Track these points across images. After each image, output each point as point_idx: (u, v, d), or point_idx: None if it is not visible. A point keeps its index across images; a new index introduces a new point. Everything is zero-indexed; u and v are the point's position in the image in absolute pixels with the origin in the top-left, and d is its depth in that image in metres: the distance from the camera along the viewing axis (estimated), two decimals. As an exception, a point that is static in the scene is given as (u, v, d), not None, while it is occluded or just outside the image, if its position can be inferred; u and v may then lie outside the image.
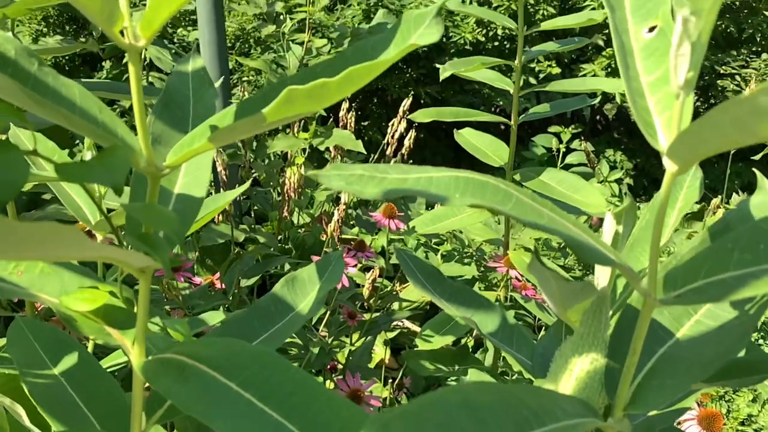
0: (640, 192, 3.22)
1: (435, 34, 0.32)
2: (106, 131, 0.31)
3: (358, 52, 0.33)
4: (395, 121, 2.06)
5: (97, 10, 0.28)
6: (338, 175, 0.28)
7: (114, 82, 0.83)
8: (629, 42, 0.31)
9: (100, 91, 0.73)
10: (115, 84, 0.77)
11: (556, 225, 0.28)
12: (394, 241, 1.65)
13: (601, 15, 0.82)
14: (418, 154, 3.16)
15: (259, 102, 0.33)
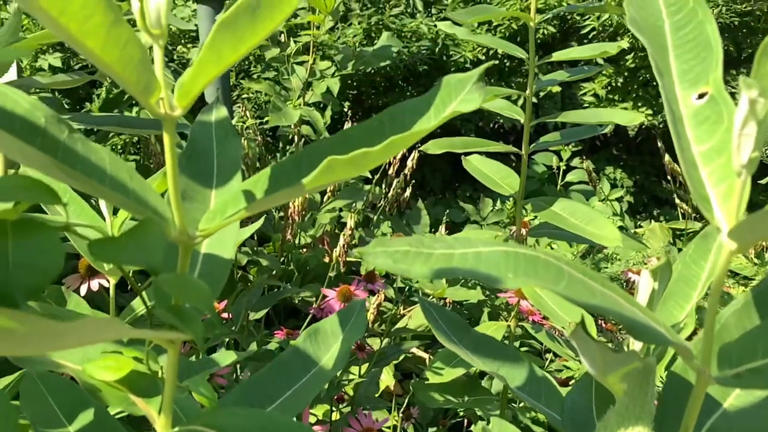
0: (639, 209, 3.22)
1: (477, 100, 0.31)
2: (137, 201, 0.30)
3: (396, 117, 0.32)
4: (397, 140, 2.04)
5: (132, 81, 0.27)
6: (384, 252, 0.27)
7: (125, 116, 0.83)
8: (678, 108, 0.30)
9: (112, 126, 0.72)
10: (126, 118, 0.76)
11: (609, 303, 0.27)
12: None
13: (614, 47, 0.81)
14: (418, 172, 3.16)
15: (295, 168, 0.32)
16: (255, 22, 0.27)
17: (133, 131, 0.77)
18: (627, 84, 2.68)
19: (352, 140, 0.32)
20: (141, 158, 2.32)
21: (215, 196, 0.40)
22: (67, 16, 0.24)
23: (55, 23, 0.24)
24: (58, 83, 0.75)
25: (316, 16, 1.48)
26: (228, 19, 0.26)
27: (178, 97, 0.29)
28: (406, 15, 2.75)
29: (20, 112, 0.29)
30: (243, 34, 0.27)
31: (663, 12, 0.32)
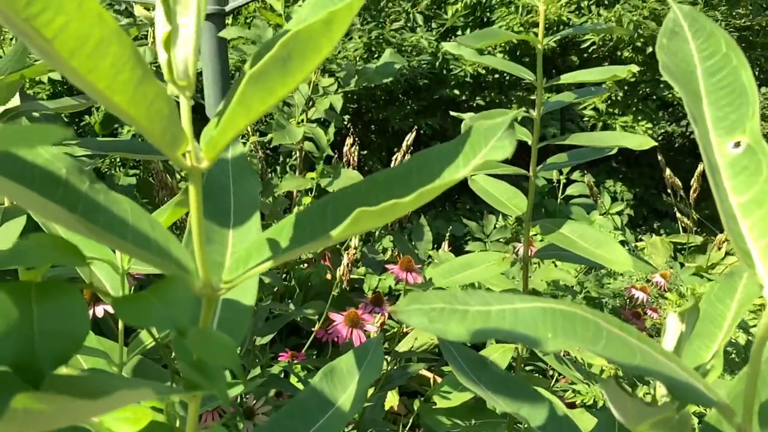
0: (639, 222, 3.22)
1: (508, 148, 0.30)
2: (160, 254, 0.29)
3: (425, 164, 0.31)
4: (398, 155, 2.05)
5: (159, 135, 0.26)
6: (418, 310, 0.26)
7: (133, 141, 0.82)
8: (714, 157, 0.29)
9: (119, 151, 0.71)
10: (133, 143, 0.75)
11: (649, 363, 0.26)
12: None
13: (624, 71, 0.81)
14: (418, 185, 3.15)
15: (320, 216, 0.31)
16: (286, 75, 0.27)
17: (141, 157, 0.76)
18: (627, 98, 2.68)
19: (380, 187, 0.31)
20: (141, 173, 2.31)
21: (233, 237, 0.39)
22: (96, 73, 0.23)
23: (83, 80, 0.23)
24: (65, 107, 0.74)
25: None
26: (258, 72, 0.26)
27: (205, 149, 0.28)
28: (407, 29, 2.76)
29: (40, 162, 0.28)
30: (273, 87, 0.27)
31: (695, 57, 0.31)
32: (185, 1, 0.26)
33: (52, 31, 0.21)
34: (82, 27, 0.21)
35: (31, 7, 0.20)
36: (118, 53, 0.23)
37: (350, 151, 1.96)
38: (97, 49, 0.22)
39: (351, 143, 1.95)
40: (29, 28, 0.21)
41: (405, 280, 0.97)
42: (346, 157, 1.97)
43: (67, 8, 0.21)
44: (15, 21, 0.20)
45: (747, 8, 2.50)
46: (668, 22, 0.32)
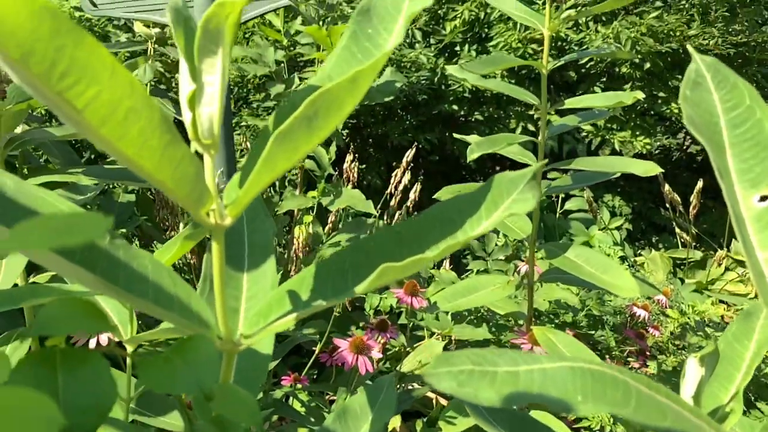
0: (638, 236, 3.22)
1: (531, 200, 0.30)
2: (181, 311, 0.28)
3: (447, 215, 0.31)
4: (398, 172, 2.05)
5: (184, 196, 0.26)
6: (448, 373, 0.25)
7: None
8: (739, 210, 0.29)
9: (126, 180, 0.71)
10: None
11: (680, 424, 0.26)
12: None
13: (630, 97, 0.81)
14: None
15: (341, 268, 0.31)
16: (311, 133, 0.26)
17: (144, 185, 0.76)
18: (625, 113, 2.69)
19: (401, 239, 0.31)
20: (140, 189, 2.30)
21: (247, 280, 0.39)
22: (125, 140, 0.23)
23: (112, 147, 0.23)
24: (72, 135, 0.74)
25: (321, 53, 1.48)
26: (284, 132, 0.25)
27: (230, 208, 0.27)
28: (405, 45, 2.77)
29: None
30: (298, 145, 0.26)
31: (718, 108, 0.31)
32: (211, 60, 0.26)
33: (83, 101, 0.21)
34: (114, 96, 0.21)
35: (64, 80, 0.20)
36: (147, 120, 0.22)
37: (350, 168, 1.96)
38: (127, 118, 0.22)
39: (351, 160, 1.94)
40: (61, 101, 0.20)
41: (410, 304, 0.97)
42: (346, 174, 1.97)
43: (100, 79, 0.21)
44: (47, 94, 0.20)
45: (743, 24, 2.51)
46: (690, 73, 0.32)
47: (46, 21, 0.19)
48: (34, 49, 0.19)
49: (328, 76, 0.29)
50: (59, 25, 0.19)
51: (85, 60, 0.20)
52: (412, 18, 0.28)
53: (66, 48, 0.19)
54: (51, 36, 0.19)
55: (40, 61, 0.19)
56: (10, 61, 0.19)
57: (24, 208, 0.27)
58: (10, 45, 0.18)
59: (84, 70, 0.20)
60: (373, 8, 0.29)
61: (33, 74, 0.19)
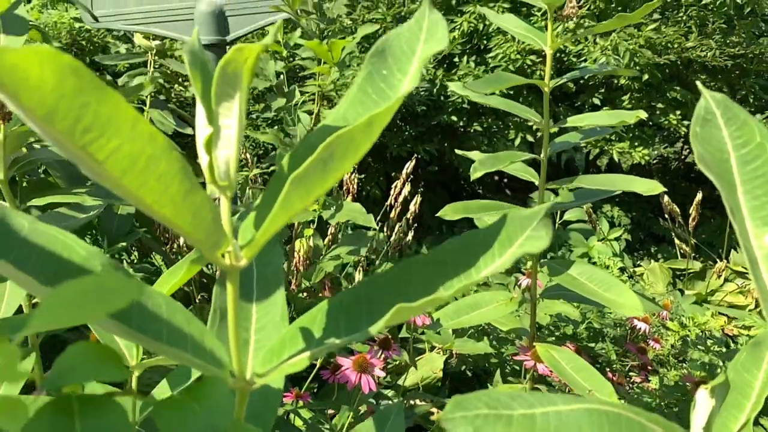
0: (636, 245, 3.23)
1: (545, 238, 0.30)
2: (195, 351, 0.28)
3: (460, 252, 0.31)
4: (398, 183, 2.05)
5: (201, 240, 0.26)
6: (463, 417, 0.25)
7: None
8: (752, 248, 0.29)
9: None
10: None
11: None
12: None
13: (633, 117, 0.81)
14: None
15: (356, 306, 0.31)
16: (326, 175, 0.27)
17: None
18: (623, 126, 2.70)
19: (414, 275, 0.31)
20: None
21: (257, 311, 0.39)
22: (145, 189, 0.23)
23: (132, 195, 0.23)
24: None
25: (323, 67, 1.48)
26: (300, 176, 0.26)
27: (246, 250, 0.28)
28: (405, 56, 2.78)
29: (76, 260, 0.28)
30: (313, 187, 0.27)
31: (728, 145, 0.31)
32: (228, 104, 0.26)
33: (105, 153, 0.21)
34: (135, 148, 0.21)
35: (87, 135, 0.20)
36: (167, 169, 0.23)
37: (350, 180, 1.96)
38: (148, 167, 0.22)
39: (350, 172, 1.95)
40: (84, 154, 0.20)
41: (413, 322, 0.97)
42: (346, 186, 1.97)
43: (122, 131, 0.21)
44: (70, 148, 0.20)
45: (741, 36, 2.53)
46: (700, 110, 0.32)
47: (71, 78, 0.19)
48: (59, 107, 0.19)
49: (343, 117, 0.29)
50: (83, 82, 0.19)
51: (108, 115, 0.20)
52: (427, 60, 0.28)
53: (90, 104, 0.19)
54: (75, 93, 0.19)
55: (64, 118, 0.19)
56: (34, 118, 0.19)
57: (39, 249, 0.27)
58: (34, 103, 0.18)
59: (107, 125, 0.20)
60: (388, 49, 0.29)
61: (57, 131, 0.19)
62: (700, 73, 2.59)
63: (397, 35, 0.29)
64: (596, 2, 2.51)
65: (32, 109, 0.19)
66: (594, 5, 2.52)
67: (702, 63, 2.49)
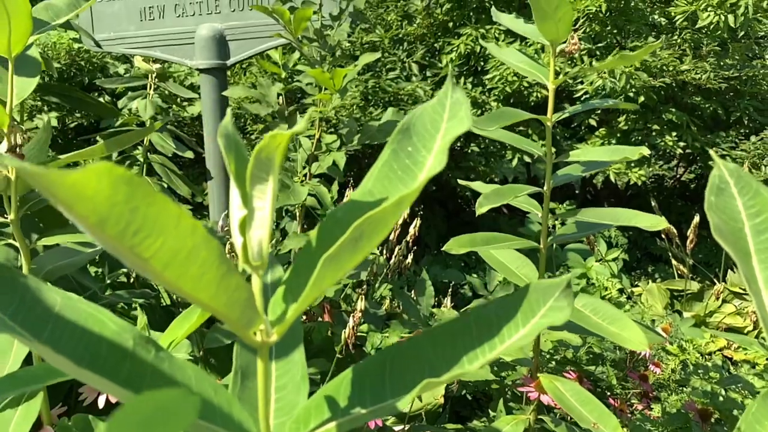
0: (633, 264, 3.24)
1: (566, 309, 0.31)
2: (224, 423, 0.29)
3: (484, 320, 0.32)
4: (397, 205, 2.05)
5: (235, 319, 0.26)
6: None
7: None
8: (760, 297, 0.30)
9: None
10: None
11: None
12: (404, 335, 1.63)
13: (636, 153, 0.83)
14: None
15: (380, 376, 0.31)
16: (355, 252, 0.27)
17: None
18: (620, 144, 2.72)
19: (439, 341, 0.32)
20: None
21: (276, 369, 0.39)
22: (185, 278, 0.23)
23: (172, 285, 0.23)
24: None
25: (324, 94, 1.49)
26: (331, 255, 0.26)
27: (277, 327, 0.28)
28: (402, 78, 2.80)
29: (108, 334, 0.29)
30: (343, 264, 0.27)
31: (742, 214, 0.32)
32: (262, 187, 0.27)
33: (151, 251, 0.21)
34: (178, 242, 0.22)
35: (136, 237, 0.21)
36: (205, 257, 0.23)
37: (350, 203, 1.96)
38: (188, 258, 0.23)
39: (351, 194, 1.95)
40: (131, 253, 0.21)
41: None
42: (346, 209, 1.97)
43: (166, 230, 0.21)
44: (119, 249, 0.21)
45: (734, 59, 2.56)
46: (714, 179, 0.33)
47: (122, 187, 0.19)
48: (111, 214, 0.19)
49: (370, 192, 0.30)
50: (134, 189, 0.20)
51: (155, 216, 0.21)
52: (452, 141, 0.29)
53: (140, 209, 0.20)
54: (126, 200, 0.20)
55: (115, 224, 0.20)
56: (88, 225, 0.19)
57: (72, 325, 0.28)
58: (88, 213, 0.19)
59: (153, 225, 0.21)
60: (412, 127, 0.30)
61: (108, 235, 0.20)
62: (695, 95, 2.62)
63: (421, 113, 0.30)
64: (592, 26, 2.54)
65: (85, 217, 0.19)
66: (590, 28, 2.55)
67: (697, 85, 2.52)
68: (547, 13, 0.79)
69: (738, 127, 2.69)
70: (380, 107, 2.80)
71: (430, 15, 2.90)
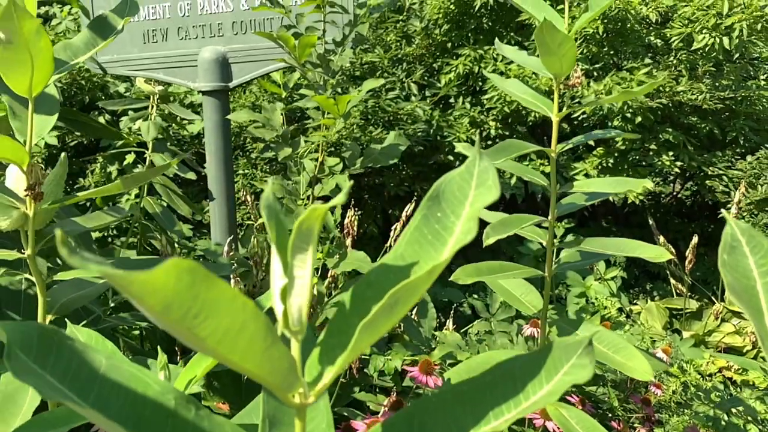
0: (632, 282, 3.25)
1: (588, 367, 0.32)
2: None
3: (508, 375, 0.33)
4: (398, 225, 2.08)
5: (277, 384, 0.28)
6: None
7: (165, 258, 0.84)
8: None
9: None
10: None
11: None
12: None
13: (639, 186, 0.84)
14: (413, 247, 3.17)
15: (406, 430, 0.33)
16: (391, 317, 0.28)
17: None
18: (617, 164, 2.75)
19: (466, 398, 0.33)
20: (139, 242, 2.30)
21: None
22: (235, 351, 0.24)
23: (222, 357, 0.25)
24: (100, 225, 0.75)
25: (328, 119, 1.51)
26: (369, 322, 0.28)
27: (314, 390, 0.29)
28: (401, 98, 2.83)
29: (151, 395, 0.30)
30: (379, 329, 0.28)
31: (754, 272, 0.34)
32: (302, 256, 0.28)
33: (207, 331, 0.23)
34: (230, 320, 0.23)
35: (195, 319, 0.22)
36: (253, 331, 0.24)
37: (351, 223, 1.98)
38: (239, 333, 0.24)
39: (352, 215, 1.97)
40: (190, 334, 0.22)
41: (425, 383, 0.98)
42: (347, 229, 1.99)
43: (222, 310, 0.23)
44: (179, 330, 0.22)
45: (729, 79, 2.60)
46: (727, 237, 0.35)
47: (186, 277, 0.21)
48: (174, 301, 0.21)
49: (401, 256, 0.31)
50: (195, 277, 0.21)
51: (213, 299, 0.22)
52: (480, 209, 0.30)
53: (200, 295, 0.21)
54: (189, 288, 0.21)
55: (178, 309, 0.21)
56: (153, 312, 0.21)
57: (117, 386, 0.29)
58: (154, 302, 0.20)
59: (211, 308, 0.22)
60: (441, 194, 0.31)
61: (170, 319, 0.21)
62: (691, 115, 2.65)
63: (449, 180, 0.32)
64: (589, 47, 2.57)
65: (152, 306, 0.20)
66: (587, 50, 2.59)
67: (693, 105, 2.55)
68: (551, 49, 0.81)
69: (734, 146, 2.72)
70: (380, 126, 2.83)
71: (429, 36, 2.94)
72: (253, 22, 2.05)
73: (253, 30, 2.02)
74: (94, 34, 0.73)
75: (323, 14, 1.54)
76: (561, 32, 0.78)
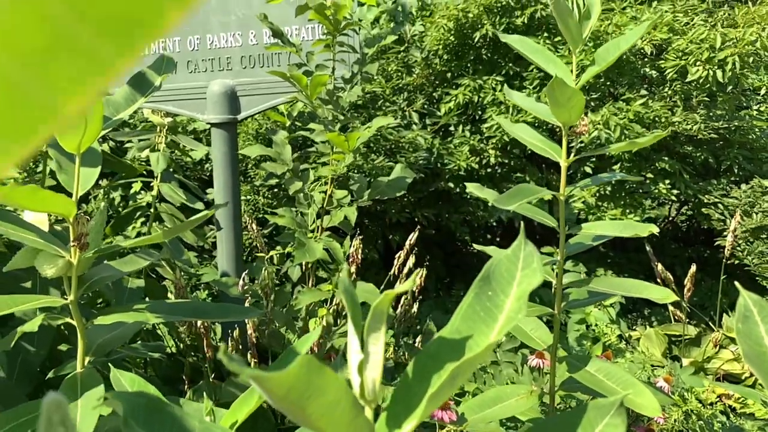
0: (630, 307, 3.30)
1: (620, 427, 0.36)
2: None
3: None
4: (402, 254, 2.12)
5: (355, 447, 0.32)
6: None
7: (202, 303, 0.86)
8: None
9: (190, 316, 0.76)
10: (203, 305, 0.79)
11: None
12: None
13: (645, 230, 0.89)
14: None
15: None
16: (452, 388, 0.33)
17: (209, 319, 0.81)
18: (615, 191, 2.81)
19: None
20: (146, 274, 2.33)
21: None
22: (330, 423, 0.29)
23: (317, 428, 0.29)
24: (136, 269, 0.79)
25: (338, 154, 1.56)
26: (435, 393, 0.32)
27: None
28: (402, 127, 2.89)
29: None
30: (444, 397, 0.33)
31: (765, 339, 0.38)
32: (376, 335, 0.32)
33: (313, 408, 0.27)
34: (331, 399, 0.27)
35: (306, 400, 0.26)
36: (344, 405, 0.29)
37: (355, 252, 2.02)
38: (334, 407, 0.28)
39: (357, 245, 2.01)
40: (300, 411, 0.26)
41: (441, 419, 1.02)
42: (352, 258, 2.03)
43: (326, 392, 0.27)
44: (291, 410, 0.26)
45: (723, 109, 2.67)
46: (740, 308, 0.39)
47: (304, 368, 0.25)
48: (294, 387, 0.25)
49: (457, 330, 0.35)
50: (309, 368, 0.25)
51: (320, 384, 0.26)
52: (528, 291, 0.35)
53: (312, 381, 0.25)
54: (305, 376, 0.25)
55: (295, 393, 0.25)
56: (276, 397, 0.25)
57: (210, 448, 0.33)
58: (278, 390, 0.24)
59: (318, 390, 0.26)
60: (491, 274, 0.35)
61: (288, 401, 0.25)
62: (686, 144, 2.72)
63: (498, 263, 0.36)
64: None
65: (275, 392, 0.25)
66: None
67: (688, 135, 2.62)
68: (560, 102, 0.86)
69: (728, 174, 2.79)
70: (381, 154, 2.88)
71: (429, 66, 3.01)
72: (262, 56, 2.11)
73: (261, 64, 2.07)
74: (133, 90, 0.78)
75: (333, 53, 1.60)
76: (570, 87, 0.83)
